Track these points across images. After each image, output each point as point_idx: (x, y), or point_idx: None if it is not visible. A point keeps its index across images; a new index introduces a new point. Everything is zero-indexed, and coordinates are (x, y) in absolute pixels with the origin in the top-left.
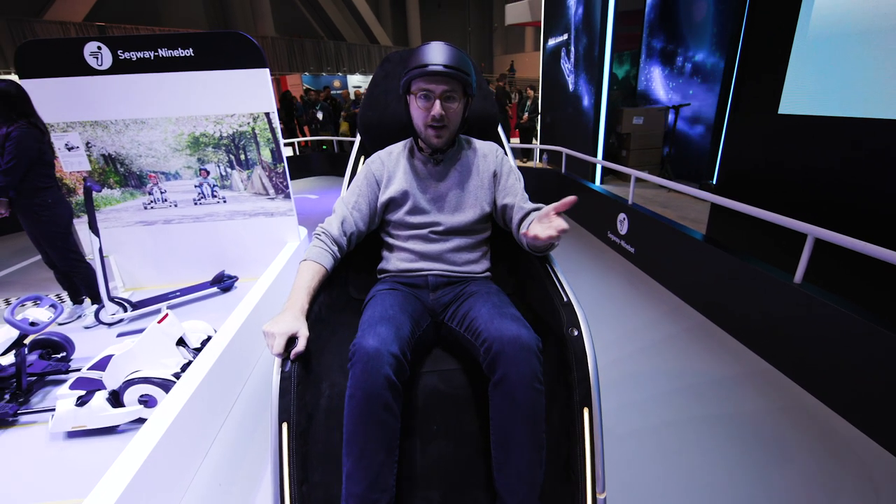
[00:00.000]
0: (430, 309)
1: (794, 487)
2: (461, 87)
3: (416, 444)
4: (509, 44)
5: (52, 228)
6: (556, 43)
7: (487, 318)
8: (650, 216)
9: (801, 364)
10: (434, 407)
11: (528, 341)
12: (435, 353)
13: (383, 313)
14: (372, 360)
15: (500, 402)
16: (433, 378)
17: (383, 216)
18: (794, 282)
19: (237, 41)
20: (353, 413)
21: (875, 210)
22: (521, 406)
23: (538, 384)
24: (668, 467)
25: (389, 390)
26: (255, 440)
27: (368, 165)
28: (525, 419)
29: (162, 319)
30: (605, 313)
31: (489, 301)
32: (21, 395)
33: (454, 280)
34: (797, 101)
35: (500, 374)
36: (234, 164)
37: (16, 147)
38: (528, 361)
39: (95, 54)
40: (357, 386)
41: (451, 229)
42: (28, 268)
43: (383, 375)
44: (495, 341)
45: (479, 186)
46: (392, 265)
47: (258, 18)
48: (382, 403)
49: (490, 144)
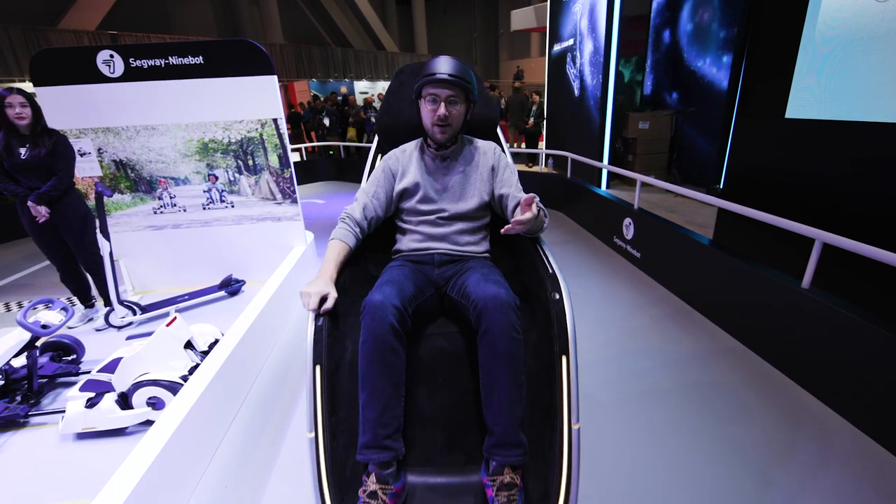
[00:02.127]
0: (434, 282)
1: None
2: (463, 93)
3: (424, 393)
4: (515, 49)
5: (82, 226)
6: (561, 48)
7: (475, 284)
8: (656, 221)
9: (810, 370)
10: (439, 363)
11: (507, 299)
12: (440, 320)
13: (390, 278)
14: (378, 311)
15: (485, 350)
16: (438, 339)
17: (398, 204)
18: (803, 287)
19: (246, 49)
20: (366, 355)
21: (883, 214)
22: (502, 352)
23: (515, 333)
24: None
25: (393, 335)
26: (261, 442)
27: (386, 161)
28: (505, 363)
29: (170, 323)
30: (611, 316)
31: (479, 272)
32: (32, 397)
33: (456, 258)
34: (804, 105)
35: (484, 326)
36: (242, 169)
37: (67, 153)
38: (507, 315)
39: (108, 62)
40: (367, 332)
41: (455, 215)
42: (39, 272)
43: (388, 323)
44: (480, 300)
45: (479, 179)
46: (404, 245)
47: (267, 26)
48: (388, 346)
49: (489, 143)
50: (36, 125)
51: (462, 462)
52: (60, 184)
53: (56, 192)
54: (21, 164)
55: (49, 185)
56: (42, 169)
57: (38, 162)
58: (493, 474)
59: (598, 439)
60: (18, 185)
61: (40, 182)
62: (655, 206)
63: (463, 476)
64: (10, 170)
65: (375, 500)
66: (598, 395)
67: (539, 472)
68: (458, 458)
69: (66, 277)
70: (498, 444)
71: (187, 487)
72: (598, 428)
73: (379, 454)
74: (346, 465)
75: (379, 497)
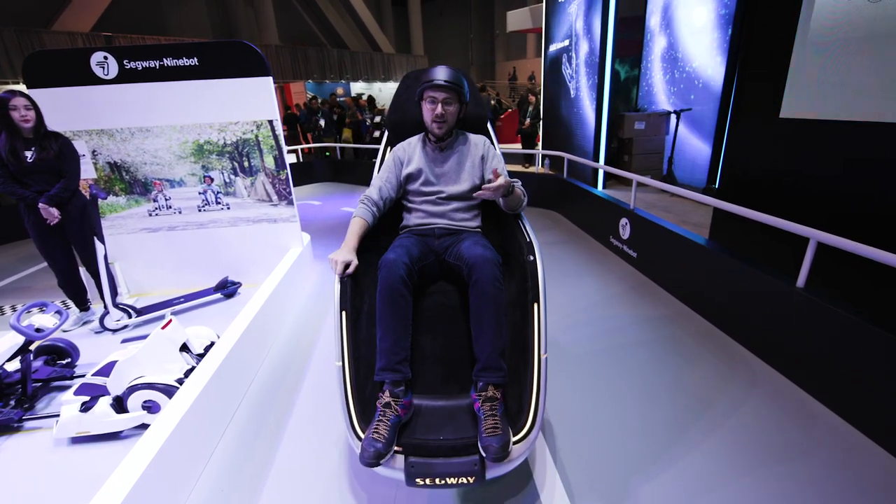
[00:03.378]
0: (435, 250)
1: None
2: (457, 95)
3: (427, 339)
4: (511, 50)
5: (86, 226)
6: (557, 49)
7: (468, 248)
8: (652, 221)
9: (805, 368)
10: (439, 313)
11: (491, 257)
12: (439, 282)
13: (399, 244)
14: (391, 265)
15: (475, 296)
16: (438, 296)
17: (405, 186)
18: (798, 286)
19: (241, 50)
20: (382, 298)
21: (877, 213)
22: (487, 295)
23: (497, 283)
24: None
25: (402, 284)
26: (258, 446)
27: (395, 152)
28: (490, 305)
29: (166, 325)
30: (605, 315)
31: (471, 239)
32: (26, 401)
33: (453, 231)
34: (798, 105)
35: (474, 278)
36: (237, 171)
37: (74, 155)
38: (491, 269)
39: (102, 64)
40: (383, 282)
41: (452, 196)
42: (34, 275)
43: (399, 274)
44: (471, 258)
45: (471, 166)
46: (410, 221)
47: (262, 27)
48: (399, 291)
49: (480, 137)
50: (39, 128)
51: (457, 391)
52: (69, 185)
53: (66, 194)
54: (28, 166)
55: (59, 187)
56: (49, 171)
57: (45, 165)
58: (479, 391)
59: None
60: (26, 189)
61: (47, 185)
62: (652, 205)
63: (458, 400)
64: (16, 173)
65: (389, 410)
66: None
67: (515, 392)
68: (454, 388)
69: (65, 282)
70: (484, 367)
71: (183, 492)
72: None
73: (392, 374)
74: (365, 388)
75: (392, 407)
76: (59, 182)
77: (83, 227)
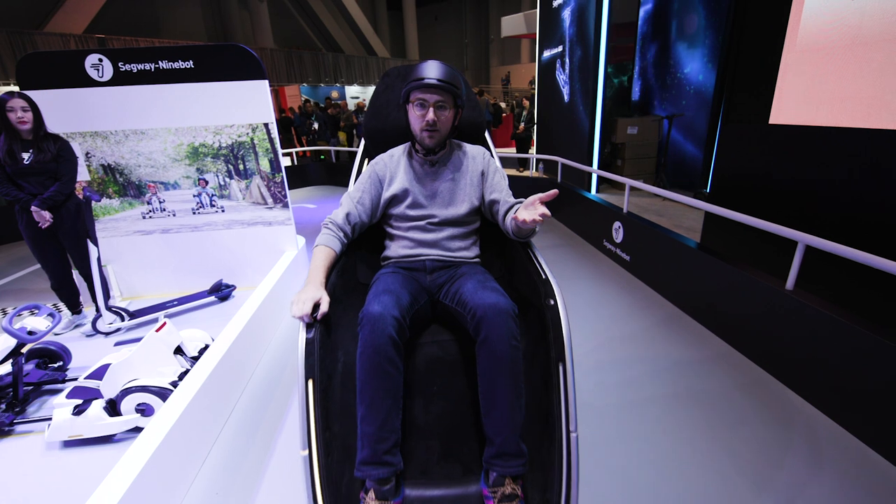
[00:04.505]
0: (427, 289)
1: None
2: (452, 98)
3: (419, 403)
4: (505, 55)
5: (80, 229)
6: (551, 54)
7: (473, 291)
8: (645, 224)
9: (794, 369)
10: (434, 371)
11: (505, 307)
12: (433, 327)
13: (386, 287)
14: (377, 322)
15: (485, 358)
16: (433, 347)
17: (386, 210)
18: (786, 288)
19: (237, 53)
20: (364, 366)
21: (864, 217)
22: (502, 360)
23: (514, 341)
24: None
25: (393, 347)
26: (253, 448)
27: (373, 166)
28: (505, 371)
29: (160, 328)
30: (598, 316)
31: (475, 279)
32: (17, 405)
33: (448, 264)
34: (787, 112)
35: (483, 334)
36: (232, 173)
37: (72, 158)
38: (506, 323)
39: (96, 66)
40: (366, 344)
41: (445, 220)
42: (26, 277)
43: (387, 334)
44: (478, 308)
45: (468, 184)
46: (394, 252)
47: (257, 31)
48: (387, 358)
49: (478, 148)
50: (38, 129)
51: (460, 473)
52: (64, 188)
53: (60, 197)
54: (25, 168)
55: (53, 190)
56: (46, 174)
57: (42, 167)
58: (493, 485)
59: (594, 444)
60: (21, 191)
61: (42, 187)
62: (644, 209)
63: (461, 487)
64: (13, 175)
65: None
66: (592, 401)
67: (538, 481)
68: (456, 469)
69: (58, 285)
70: (498, 454)
71: (177, 495)
72: (593, 432)
73: (378, 470)
74: (341, 482)
75: None
76: (54, 185)
77: (77, 228)
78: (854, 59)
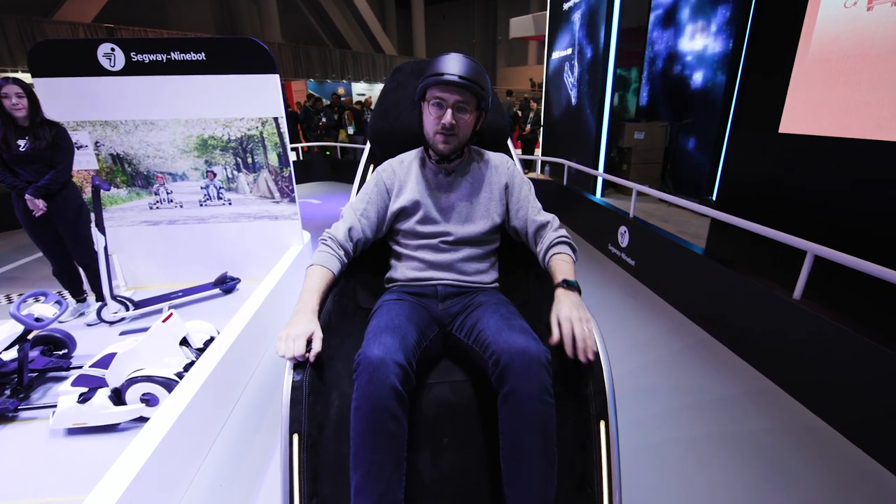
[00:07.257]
0: (438, 319)
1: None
2: (475, 100)
3: (426, 457)
4: (513, 56)
5: (76, 220)
6: (560, 57)
7: (495, 330)
8: (651, 229)
9: (802, 381)
10: (444, 418)
11: (537, 354)
12: (443, 363)
13: (389, 323)
14: (377, 370)
15: (510, 416)
16: (443, 389)
17: (392, 225)
18: (794, 298)
19: (249, 47)
20: (360, 425)
21: (874, 229)
22: (532, 420)
23: (548, 397)
24: (672, 484)
25: (395, 400)
26: (256, 440)
27: (379, 173)
28: (536, 434)
29: (167, 319)
30: (605, 325)
31: (497, 312)
32: (22, 391)
33: (463, 290)
34: (798, 121)
35: (508, 387)
36: (240, 166)
37: (68, 146)
38: (538, 375)
39: (109, 55)
40: (363, 397)
41: (462, 239)
42: (29, 264)
43: (388, 385)
44: (503, 354)
45: (489, 198)
46: (401, 274)
47: (265, 25)
48: (389, 414)
49: (501, 156)
50: (34, 116)
51: None
52: (59, 177)
53: (55, 186)
54: (20, 155)
55: (48, 178)
56: (41, 161)
57: (37, 154)
58: None
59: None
60: (16, 178)
61: (39, 175)
62: (649, 215)
63: None
64: (8, 161)
65: None
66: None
67: None
68: None
69: (60, 271)
70: None
71: (182, 485)
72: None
73: None
74: None
75: None
76: (49, 173)
77: (75, 220)
78: (867, 70)
